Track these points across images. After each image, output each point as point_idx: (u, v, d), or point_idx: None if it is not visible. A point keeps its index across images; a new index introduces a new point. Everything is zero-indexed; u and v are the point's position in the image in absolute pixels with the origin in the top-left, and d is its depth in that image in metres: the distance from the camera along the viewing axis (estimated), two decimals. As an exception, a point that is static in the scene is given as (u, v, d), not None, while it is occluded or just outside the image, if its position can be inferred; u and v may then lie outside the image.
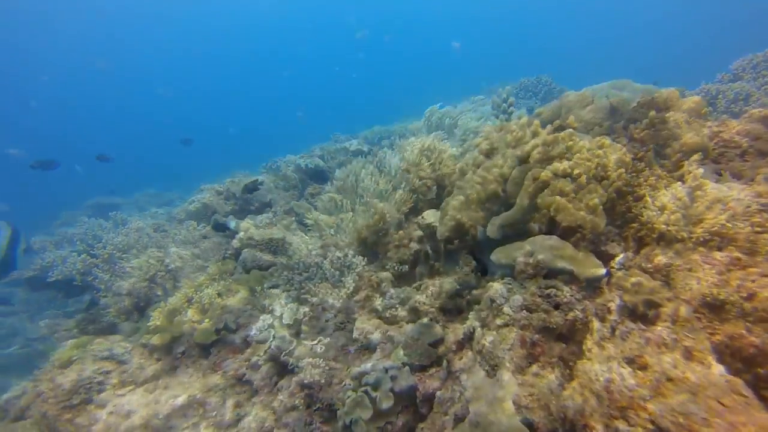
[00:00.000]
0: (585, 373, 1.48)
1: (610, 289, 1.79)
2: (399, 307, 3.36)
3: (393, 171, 4.02)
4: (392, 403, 2.30)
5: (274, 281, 4.61)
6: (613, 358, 1.43)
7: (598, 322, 1.71)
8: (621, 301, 1.62)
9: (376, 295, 3.42)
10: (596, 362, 1.51)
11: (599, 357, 1.50)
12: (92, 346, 4.80)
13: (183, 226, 6.76)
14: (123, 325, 5.54)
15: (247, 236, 5.03)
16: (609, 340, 1.57)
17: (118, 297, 5.79)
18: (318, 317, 3.49)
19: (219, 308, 3.82)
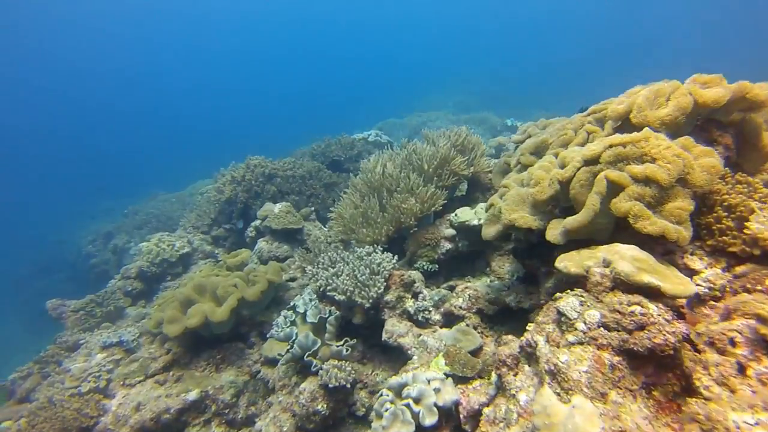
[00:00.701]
0: (712, 419, 1.26)
1: (727, 315, 1.56)
2: (433, 310, 3.15)
3: (425, 164, 3.78)
4: (436, 419, 2.10)
5: (293, 274, 4.41)
6: (762, 408, 1.21)
7: (715, 353, 1.49)
8: (754, 333, 1.40)
9: (407, 296, 3.20)
10: (729, 408, 1.28)
11: (733, 403, 1.28)
12: (99, 331, 4.61)
13: (193, 213, 6.55)
14: (130, 310, 5.36)
15: (263, 225, 4.81)
16: (743, 382, 1.35)
17: (126, 280, 5.60)
18: (344, 316, 3.28)
19: (235, 300, 3.61)
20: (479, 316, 3.03)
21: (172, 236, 6.20)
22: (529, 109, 15.79)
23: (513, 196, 2.52)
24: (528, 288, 2.76)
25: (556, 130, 3.08)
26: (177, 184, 13.16)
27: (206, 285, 3.85)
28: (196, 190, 10.36)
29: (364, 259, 3.31)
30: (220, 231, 6.23)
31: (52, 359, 4.34)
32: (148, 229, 8.47)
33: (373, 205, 3.78)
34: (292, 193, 6.02)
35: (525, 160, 3.07)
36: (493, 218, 2.75)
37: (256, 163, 5.92)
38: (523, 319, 2.83)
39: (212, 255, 6.21)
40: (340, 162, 7.21)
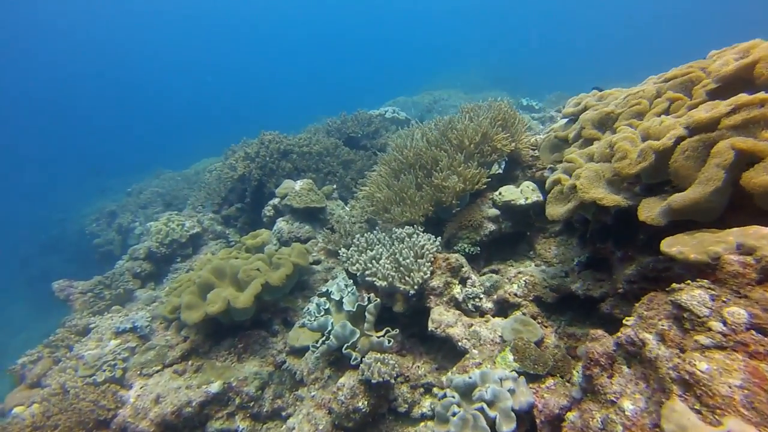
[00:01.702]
0: None
1: None
2: (484, 297, 2.85)
3: (466, 140, 3.44)
4: (515, 426, 1.81)
5: (316, 256, 4.11)
6: None
7: None
8: None
9: (455, 282, 2.90)
10: None
11: None
12: (110, 315, 4.33)
13: (202, 191, 6.21)
14: (140, 293, 5.07)
15: (283, 204, 4.48)
16: None
17: (134, 261, 5.30)
18: (383, 303, 2.98)
19: (259, 285, 3.31)
20: (536, 304, 2.73)
21: (182, 216, 5.88)
22: (539, 89, 15.30)
23: (589, 171, 2.19)
24: (595, 274, 2.45)
25: (623, 100, 2.72)
26: (181, 163, 12.77)
27: (226, 268, 3.55)
28: (202, 168, 9.98)
29: (406, 241, 2.99)
30: (232, 210, 5.90)
31: (62, 343, 4.07)
32: (153, 208, 8.14)
33: (410, 183, 3.45)
34: (309, 170, 5.67)
35: (588, 134, 2.73)
36: (560, 196, 2.42)
37: (270, 138, 5.55)
38: (590, 310, 2.54)
39: (223, 235, 5.91)
40: (357, 138, 6.84)
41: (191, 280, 3.60)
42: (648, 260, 1.98)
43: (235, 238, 5.90)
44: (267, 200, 5.33)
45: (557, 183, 2.47)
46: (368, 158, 6.47)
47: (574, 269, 2.67)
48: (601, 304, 2.28)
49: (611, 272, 2.29)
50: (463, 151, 3.49)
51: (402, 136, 3.99)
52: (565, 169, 2.52)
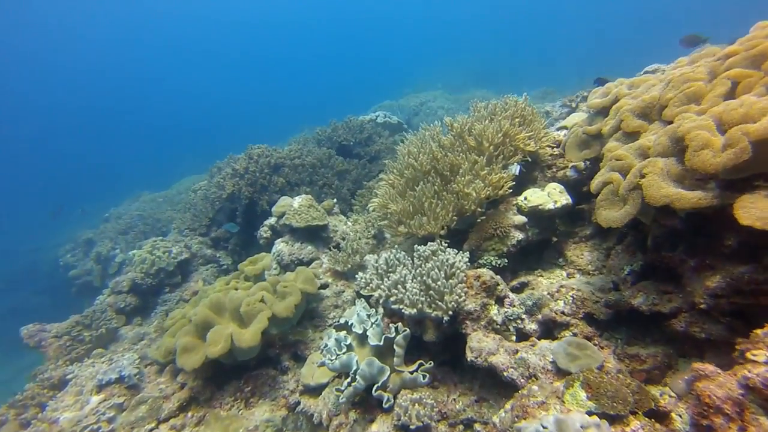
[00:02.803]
0: None
1: None
2: (526, 317, 2.52)
3: (485, 142, 3.13)
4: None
5: (323, 279, 3.73)
6: None
7: None
8: None
9: (491, 302, 2.56)
10: None
11: None
12: (90, 360, 3.85)
13: (187, 213, 5.76)
14: (125, 330, 4.59)
15: (282, 223, 4.09)
16: None
17: (117, 295, 4.81)
18: (412, 332, 2.62)
19: (265, 319, 2.92)
20: (587, 322, 2.41)
21: (167, 241, 5.41)
22: (520, 85, 15.23)
23: (655, 167, 1.89)
24: (658, 286, 2.15)
25: (666, 85, 2.45)
26: (162, 183, 12.18)
27: (225, 302, 3.14)
28: (185, 187, 9.44)
29: (432, 260, 2.65)
30: (222, 231, 5.46)
31: (32, 401, 3.55)
32: (135, 234, 7.59)
33: (428, 192, 3.11)
34: (303, 183, 5.29)
35: (631, 126, 2.45)
36: (613, 198, 2.12)
37: (259, 152, 5.16)
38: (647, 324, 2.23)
39: (214, 259, 5.47)
40: (350, 146, 6.48)
41: (186, 318, 3.18)
42: (742, 270, 1.68)
43: (227, 261, 5.47)
44: (260, 219, 4.92)
45: (608, 184, 2.16)
46: (363, 167, 6.13)
47: (625, 279, 2.36)
48: (673, 321, 1.97)
49: (681, 284, 1.98)
50: (483, 154, 3.17)
51: (412, 141, 3.67)
52: (613, 167, 2.22)
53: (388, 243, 4.08)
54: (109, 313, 4.48)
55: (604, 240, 3.06)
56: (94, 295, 6.18)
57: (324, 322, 3.49)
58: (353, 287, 3.69)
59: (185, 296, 4.89)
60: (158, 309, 4.73)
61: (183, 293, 4.93)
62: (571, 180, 3.37)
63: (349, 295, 3.63)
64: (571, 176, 3.37)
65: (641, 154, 2.16)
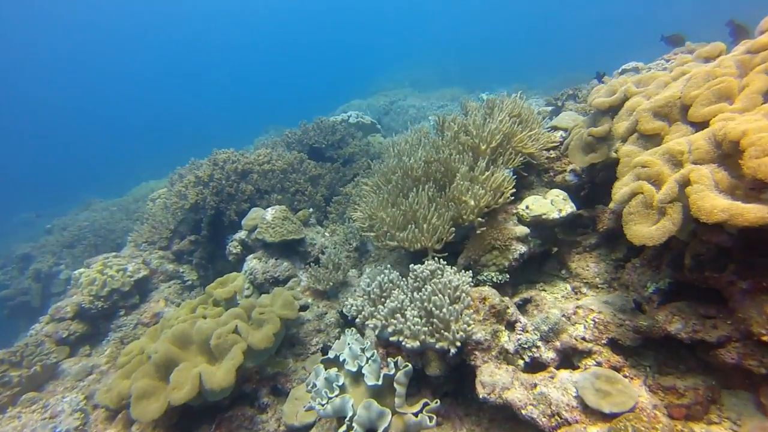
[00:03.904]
0: None
1: None
2: (542, 345, 2.25)
3: (482, 144, 2.84)
4: None
5: (303, 299, 3.34)
6: None
7: None
8: None
9: (501, 328, 2.28)
10: None
11: None
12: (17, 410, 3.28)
13: (145, 224, 5.20)
14: (68, 364, 3.99)
15: (254, 238, 3.66)
16: None
17: (58, 323, 4.22)
18: (414, 366, 2.30)
19: (240, 354, 2.52)
20: (610, 347, 2.17)
21: (121, 257, 4.84)
22: (489, 83, 15.25)
23: (700, 175, 1.64)
24: (696, 308, 1.91)
25: (688, 82, 2.23)
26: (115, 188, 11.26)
27: (191, 334, 2.71)
28: (142, 194, 8.68)
29: (433, 282, 2.33)
30: (185, 243, 4.94)
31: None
32: (84, 247, 6.84)
33: (422, 200, 2.80)
34: (273, 191, 4.86)
35: (649, 128, 2.22)
36: (645, 211, 1.86)
37: (224, 157, 4.67)
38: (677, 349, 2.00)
39: (177, 275, 4.94)
40: (321, 149, 6.08)
41: (145, 354, 2.72)
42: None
43: (192, 276, 4.96)
44: (228, 230, 4.46)
45: (637, 194, 1.91)
46: (337, 170, 5.75)
47: (650, 299, 2.12)
48: (720, 351, 1.74)
49: (729, 308, 1.75)
50: (481, 157, 2.89)
51: (401, 144, 3.34)
52: (640, 175, 1.97)
53: (372, 256, 3.75)
54: (47, 346, 3.88)
55: (612, 250, 2.84)
56: (33, 316, 5.49)
57: (306, 350, 3.12)
58: (336, 307, 3.33)
59: (144, 319, 4.36)
60: (111, 335, 4.17)
61: (141, 315, 4.40)
62: (571, 185, 3.14)
63: (333, 317, 3.27)
64: (570, 181, 3.15)
65: (670, 160, 1.92)
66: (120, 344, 3.98)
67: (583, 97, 4.54)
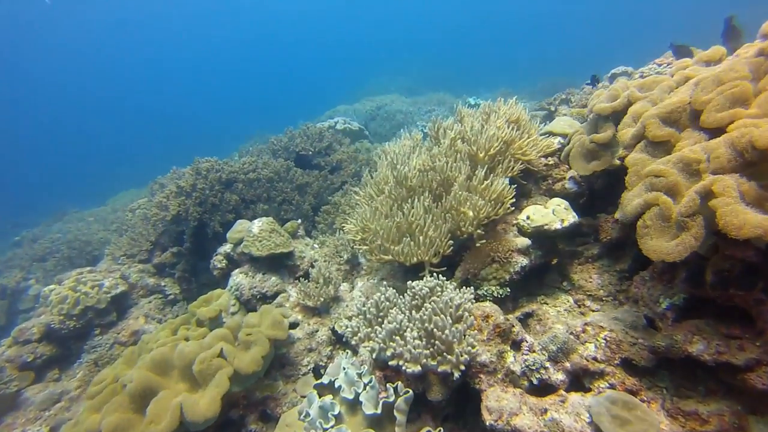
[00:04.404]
0: None
1: None
2: (551, 366, 2.11)
3: (481, 151, 2.72)
4: None
5: (293, 316, 3.16)
6: None
7: None
8: None
9: (506, 348, 2.14)
10: None
11: None
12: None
13: (124, 237, 4.94)
14: (32, 392, 3.69)
15: (239, 252, 3.47)
16: None
17: (22, 346, 3.92)
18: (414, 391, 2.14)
19: (226, 380, 2.33)
20: (623, 368, 2.04)
21: (97, 272, 4.57)
22: (475, 87, 15.28)
23: (725, 186, 1.53)
24: (718, 327, 1.80)
25: (696, 87, 2.14)
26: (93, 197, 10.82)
27: (172, 359, 2.50)
28: (122, 204, 8.33)
29: (433, 301, 2.18)
30: (166, 256, 4.70)
31: None
32: (57, 260, 6.49)
33: (417, 211, 2.65)
34: (259, 200, 4.66)
35: (657, 134, 2.12)
36: (663, 225, 1.74)
37: (208, 166, 4.46)
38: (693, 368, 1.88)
39: (158, 289, 4.70)
40: (308, 157, 5.91)
41: (119, 383, 2.50)
42: None
43: (174, 290, 4.71)
44: (212, 242, 4.25)
45: (652, 206, 1.79)
46: (324, 178, 5.59)
47: (664, 315, 2.01)
48: (749, 375, 1.62)
49: (757, 328, 1.64)
50: (480, 166, 2.76)
51: (393, 150, 3.20)
52: (653, 186, 1.86)
53: (365, 268, 3.58)
54: (8, 372, 3.59)
55: (616, 261, 2.74)
56: (0, 334, 5.15)
57: (297, 371, 2.93)
58: (328, 324, 3.16)
59: (122, 338, 4.10)
60: (85, 357, 3.90)
61: (119, 334, 4.14)
62: (571, 193, 3.04)
63: (324, 335, 3.09)
64: (570, 189, 3.05)
65: (685, 170, 1.81)
66: (94, 366, 3.72)
67: (576, 102, 4.47)
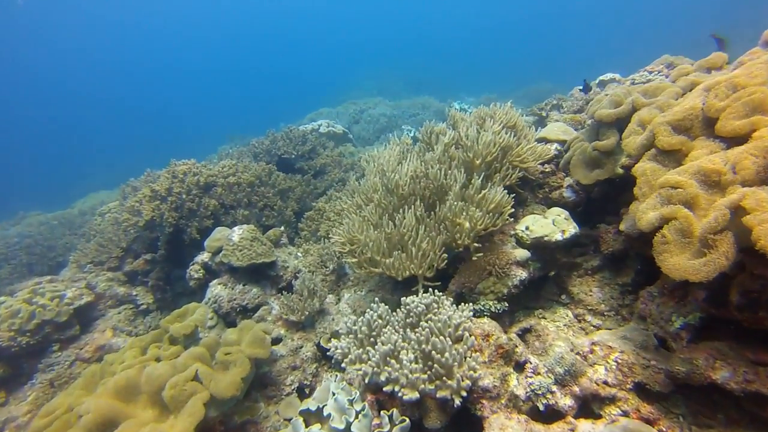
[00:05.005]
0: None
1: None
2: (557, 389, 1.96)
3: (476, 158, 2.57)
4: None
5: (276, 331, 2.95)
6: None
7: None
8: None
9: (510, 371, 1.98)
10: None
11: None
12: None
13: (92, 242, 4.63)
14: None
15: (218, 261, 3.23)
16: None
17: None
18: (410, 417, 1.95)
19: (201, 406, 2.10)
20: (636, 392, 1.90)
21: (59, 281, 4.23)
22: (459, 92, 15.28)
23: (761, 202, 1.41)
24: (743, 351, 1.67)
25: (706, 93, 2.04)
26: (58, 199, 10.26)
27: (140, 383, 2.25)
28: (90, 206, 7.88)
29: (430, 319, 2.00)
30: (139, 263, 4.40)
31: None
32: (13, 267, 6.00)
33: (409, 222, 2.48)
34: (239, 206, 4.42)
35: (669, 143, 2.00)
36: (683, 241, 1.61)
37: (185, 169, 4.19)
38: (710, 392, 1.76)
39: (129, 298, 4.38)
40: (291, 160, 5.69)
41: (74, 413, 2.23)
42: None
43: (147, 299, 4.40)
44: (189, 249, 3.98)
45: (670, 220, 1.66)
46: (307, 183, 5.38)
47: (678, 335, 1.88)
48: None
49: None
50: (475, 173, 2.61)
51: (382, 157, 3.02)
52: (670, 198, 1.73)
53: (351, 279, 3.39)
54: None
55: (617, 274, 2.62)
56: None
57: (280, 391, 2.71)
58: (313, 339, 2.95)
59: (84, 353, 3.78)
60: (38, 377, 3.56)
61: (82, 349, 3.82)
62: (569, 202, 2.92)
63: (310, 351, 2.88)
64: (568, 198, 2.93)
65: (704, 181, 1.69)
66: (49, 388, 3.40)
67: (568, 108, 4.39)
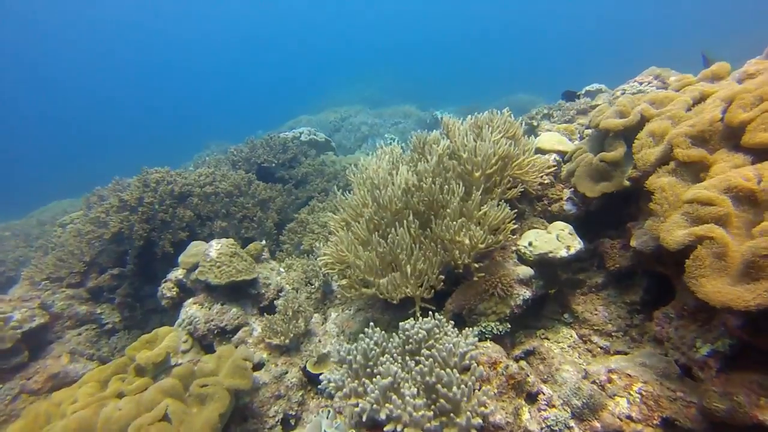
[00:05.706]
0: None
1: None
2: (575, 425, 1.78)
3: (476, 170, 2.40)
4: None
5: (257, 355, 2.69)
6: None
7: None
8: None
9: (522, 403, 1.79)
10: None
11: None
12: None
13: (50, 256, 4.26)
14: None
15: (194, 279, 2.95)
16: None
17: None
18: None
19: (172, 450, 1.83)
20: (664, 430, 1.73)
21: (6, 301, 3.81)
22: (440, 101, 15.29)
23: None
24: None
25: (727, 104, 1.93)
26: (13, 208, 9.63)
27: (94, 428, 1.96)
28: (50, 215, 7.36)
29: (434, 347, 1.80)
30: (105, 278, 4.04)
31: None
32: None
33: (403, 240, 2.28)
34: (217, 217, 4.13)
35: (689, 156, 1.87)
36: (718, 263, 1.46)
37: (157, 177, 3.88)
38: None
39: (93, 317, 4.01)
40: (271, 169, 5.43)
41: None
42: None
43: (114, 318, 4.04)
44: (161, 263, 3.68)
45: (703, 240, 1.51)
46: (289, 193, 5.14)
47: (705, 364, 1.72)
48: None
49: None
50: (474, 187, 2.43)
51: (369, 168, 2.82)
52: (700, 216, 1.59)
53: (338, 297, 3.16)
54: None
55: (624, 292, 2.49)
56: None
57: (262, 424, 2.45)
58: (298, 363, 2.71)
59: (33, 384, 3.38)
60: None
61: (30, 380, 3.41)
62: (570, 215, 2.79)
63: (295, 377, 2.64)
64: (569, 211, 2.79)
65: (736, 197, 1.56)
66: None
67: (559, 118, 4.31)
